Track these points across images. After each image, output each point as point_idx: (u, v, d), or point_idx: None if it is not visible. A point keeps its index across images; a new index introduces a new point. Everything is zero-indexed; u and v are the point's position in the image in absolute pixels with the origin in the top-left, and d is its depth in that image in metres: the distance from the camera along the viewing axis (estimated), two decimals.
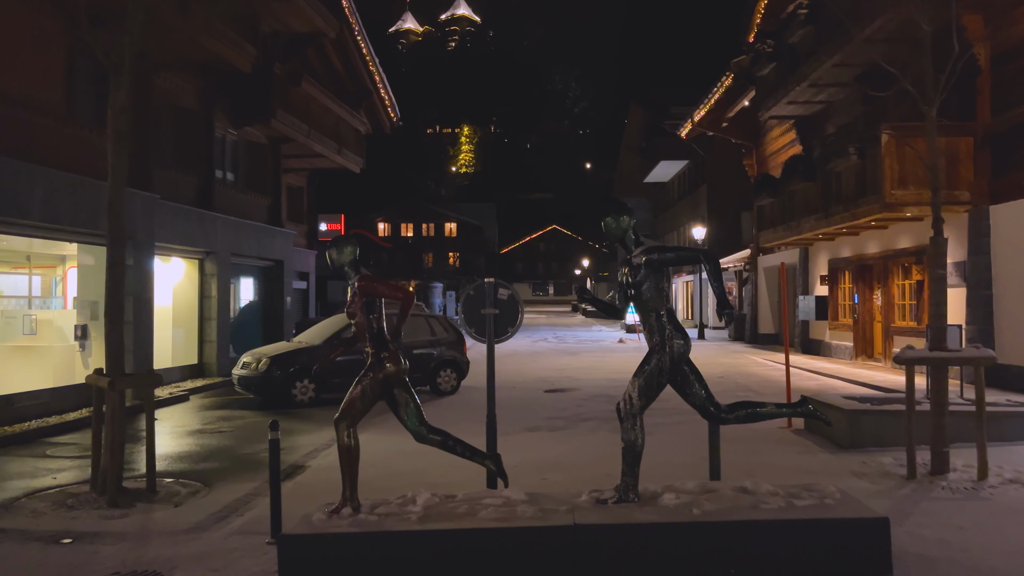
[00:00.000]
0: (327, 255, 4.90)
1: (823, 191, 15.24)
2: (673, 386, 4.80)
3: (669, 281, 4.79)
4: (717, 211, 32.02)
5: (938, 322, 6.77)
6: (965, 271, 12.38)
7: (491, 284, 5.49)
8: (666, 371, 4.69)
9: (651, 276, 4.69)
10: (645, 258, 4.70)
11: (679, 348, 4.69)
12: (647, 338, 4.76)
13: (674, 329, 4.70)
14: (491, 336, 5.47)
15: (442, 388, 13.25)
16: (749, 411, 4.97)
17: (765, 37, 18.38)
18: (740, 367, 16.84)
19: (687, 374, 4.80)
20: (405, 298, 4.80)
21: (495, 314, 5.51)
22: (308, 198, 24.37)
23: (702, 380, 4.84)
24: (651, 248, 4.70)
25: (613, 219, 4.96)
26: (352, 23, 22.10)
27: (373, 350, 4.89)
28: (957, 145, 12.52)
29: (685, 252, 5.03)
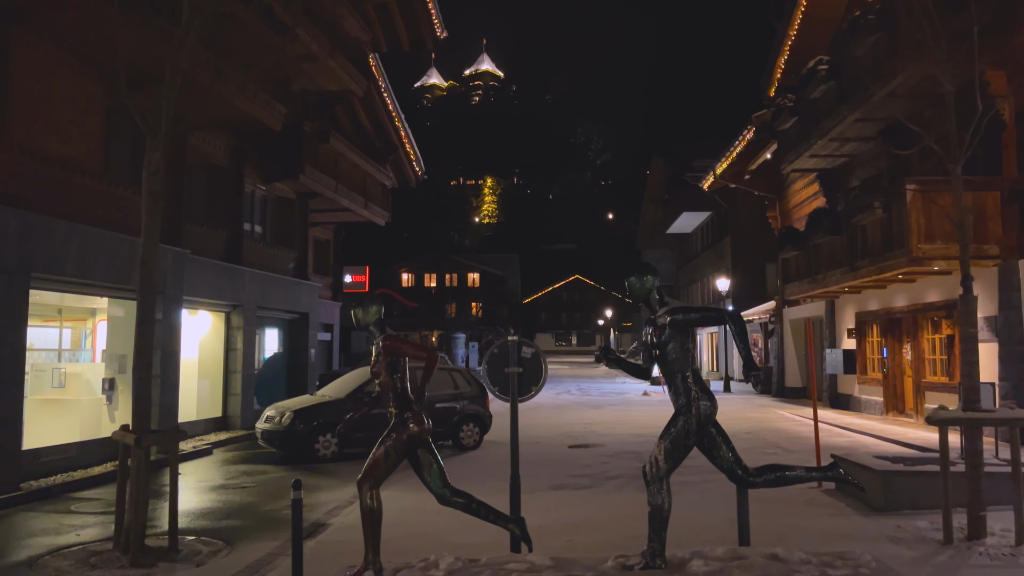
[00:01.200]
0: (352, 314, 4.96)
1: (849, 244, 15.14)
2: (700, 448, 4.73)
3: (694, 341, 4.76)
4: (741, 262, 31.90)
5: (971, 381, 6.63)
6: (997, 326, 12.17)
7: (515, 342, 5.50)
8: (692, 433, 4.63)
9: (676, 336, 4.68)
10: (670, 318, 4.69)
11: (705, 410, 4.65)
12: (672, 399, 4.72)
13: (700, 390, 4.66)
14: (515, 395, 5.45)
15: (465, 443, 13.16)
16: (778, 475, 4.88)
17: (786, 92, 18.53)
18: (768, 422, 16.55)
19: (714, 436, 4.74)
20: (430, 358, 4.82)
21: (519, 372, 5.50)
22: (334, 251, 24.71)
23: (729, 442, 4.77)
24: (676, 308, 4.69)
25: (637, 279, 4.97)
26: (379, 81, 22.71)
27: (397, 410, 4.90)
28: (984, 200, 12.44)
29: (710, 312, 5.02)
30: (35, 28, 9.67)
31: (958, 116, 7.76)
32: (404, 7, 20.42)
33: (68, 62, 10.51)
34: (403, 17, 20.86)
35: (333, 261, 24.58)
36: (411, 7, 20.45)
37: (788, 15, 19.01)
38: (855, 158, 17.52)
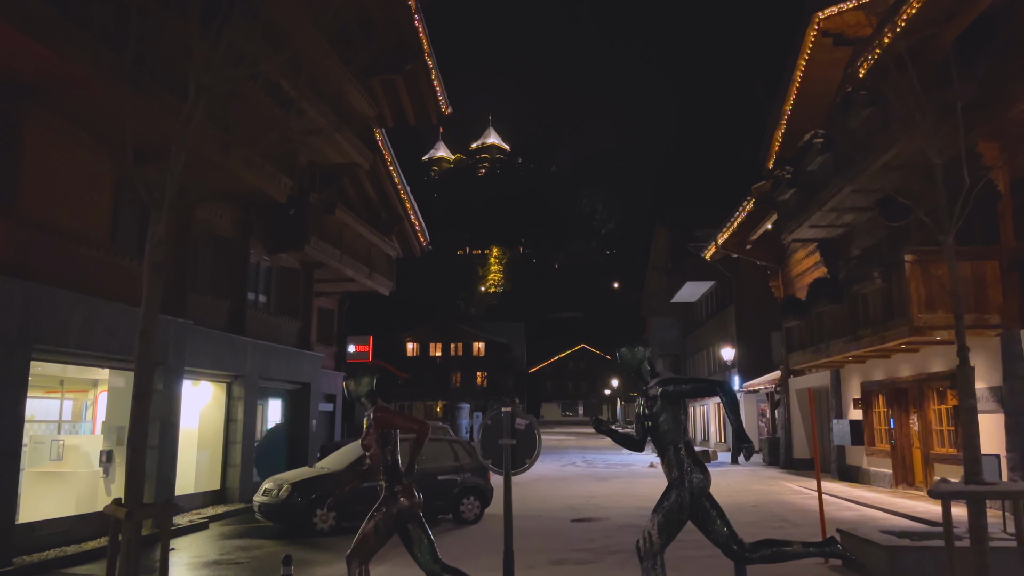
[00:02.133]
0: (344, 386, 4.96)
1: (850, 314, 15.15)
2: (693, 522, 4.64)
3: (686, 413, 4.72)
4: (746, 331, 31.79)
5: (972, 453, 6.53)
6: (1002, 396, 12.04)
7: (508, 414, 5.48)
8: (686, 507, 4.56)
9: (668, 408, 4.66)
10: (661, 389, 4.68)
11: (698, 483, 4.59)
12: (665, 472, 4.67)
13: (693, 463, 4.61)
14: (508, 468, 5.40)
15: (465, 516, 12.92)
16: (775, 550, 4.78)
17: (784, 164, 18.86)
18: (774, 495, 16.23)
19: (708, 510, 4.67)
20: (420, 431, 4.80)
21: (512, 445, 5.46)
22: (338, 320, 24.79)
23: (724, 516, 4.69)
24: (667, 379, 4.68)
25: (628, 350, 4.99)
26: (385, 154, 23.22)
27: (387, 484, 4.85)
28: (983, 269, 12.49)
29: (701, 383, 5.01)
30: (47, 105, 9.99)
31: (953, 187, 7.88)
32: (410, 84, 21.04)
33: (78, 136, 10.81)
34: (409, 93, 21.48)
35: (337, 331, 24.64)
36: (417, 84, 21.06)
37: (784, 89, 19.49)
38: (854, 228, 17.68)
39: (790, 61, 18.66)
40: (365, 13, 19.09)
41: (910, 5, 11.15)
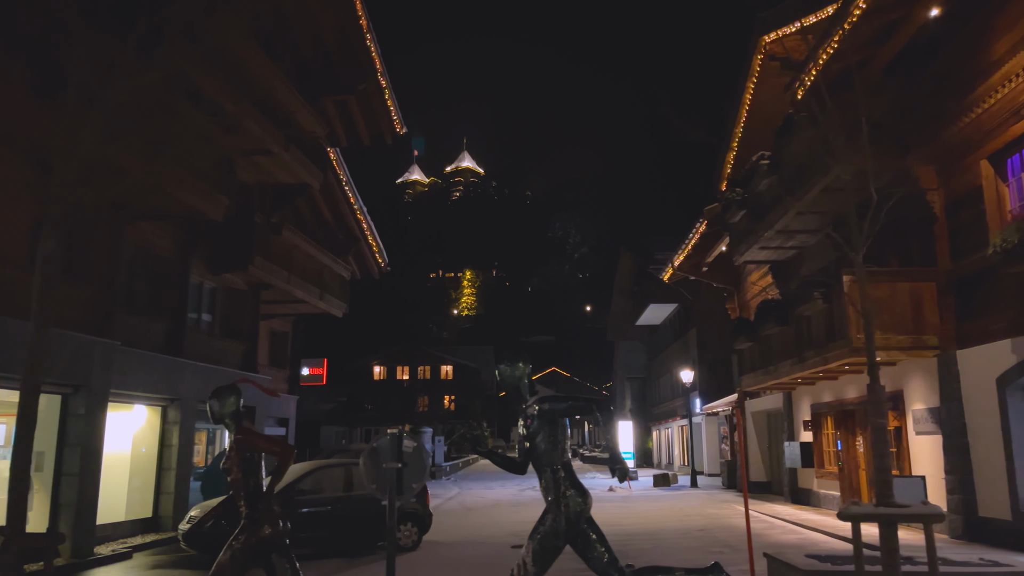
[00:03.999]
0: (208, 406, 4.71)
1: (796, 335, 15.13)
2: (573, 548, 4.44)
3: (565, 434, 4.52)
4: (707, 354, 31.82)
5: (883, 475, 6.42)
6: (940, 417, 12.01)
7: (395, 436, 5.25)
8: (562, 533, 4.36)
9: (544, 428, 4.47)
10: (538, 408, 4.49)
11: (575, 506, 4.39)
12: (543, 495, 4.47)
13: (570, 485, 4.41)
14: (393, 493, 5.16)
15: (402, 544, 12.54)
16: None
17: (735, 185, 18.92)
18: (724, 519, 16.05)
19: (587, 535, 4.46)
20: (284, 453, 4.56)
21: (398, 468, 5.22)
22: (292, 343, 24.37)
23: (605, 542, 4.49)
24: (544, 398, 4.50)
25: (508, 366, 4.81)
26: (340, 175, 23.00)
27: (248, 510, 4.58)
28: (921, 291, 12.51)
29: (580, 402, 4.82)
30: None
31: (893, 211, 7.88)
32: (364, 104, 20.88)
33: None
34: (363, 114, 21.31)
35: (291, 353, 24.21)
36: (370, 104, 20.91)
37: (735, 112, 19.62)
38: (805, 250, 17.73)
39: (740, 85, 18.80)
40: (317, 33, 18.96)
41: (842, 28, 11.23)
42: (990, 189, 11.12)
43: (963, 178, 11.74)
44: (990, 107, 10.86)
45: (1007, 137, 10.64)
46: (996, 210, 11.00)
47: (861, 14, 10.87)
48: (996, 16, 10.61)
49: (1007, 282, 10.45)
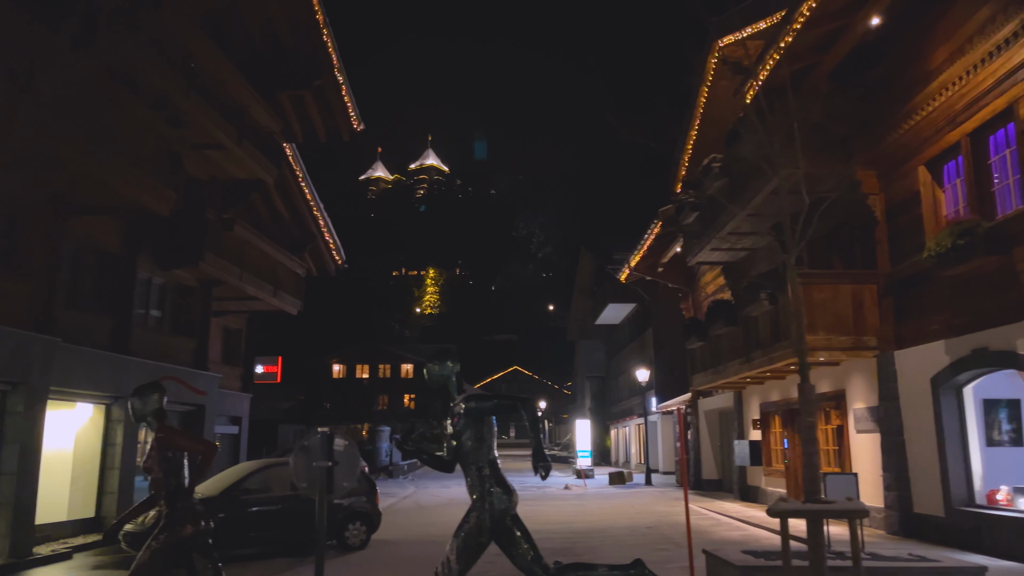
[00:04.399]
0: (129, 404, 4.65)
1: (744, 336, 15.39)
2: (498, 545, 4.49)
3: (492, 432, 4.57)
4: (663, 353, 32.16)
5: (811, 472, 6.59)
6: (878, 416, 12.33)
7: (326, 435, 5.23)
8: (487, 530, 4.40)
9: (471, 426, 4.50)
10: (464, 406, 4.52)
11: (500, 504, 4.43)
12: (468, 492, 4.50)
13: (496, 483, 4.46)
14: (323, 492, 5.14)
15: (350, 543, 12.51)
16: (581, 574, 4.65)
17: (689, 188, 19.18)
18: (673, 516, 16.26)
19: (512, 532, 4.51)
20: (206, 452, 4.52)
21: (329, 467, 5.20)
22: (247, 340, 24.06)
23: (530, 539, 4.54)
24: (471, 396, 4.54)
25: (437, 364, 4.83)
26: (296, 171, 22.75)
27: (168, 509, 4.53)
28: (862, 293, 12.82)
29: (505, 401, 4.86)
30: None
31: (840, 214, 8.05)
32: (320, 100, 20.67)
33: None
34: (319, 109, 21.11)
35: (245, 351, 23.90)
36: (326, 100, 20.71)
37: (690, 115, 19.87)
38: (755, 252, 18.03)
39: (695, 88, 19.04)
40: (272, 27, 18.73)
41: (787, 34, 11.45)
42: (927, 195, 11.43)
43: (903, 183, 12.05)
44: (928, 115, 11.17)
45: (943, 144, 10.95)
46: (933, 215, 11.32)
47: (805, 21, 11.11)
48: (934, 26, 10.91)
49: (941, 285, 10.76)
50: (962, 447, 10.68)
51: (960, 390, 10.79)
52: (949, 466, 10.67)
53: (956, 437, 10.74)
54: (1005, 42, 9.40)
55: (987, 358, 9.87)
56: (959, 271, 10.12)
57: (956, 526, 10.44)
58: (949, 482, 10.66)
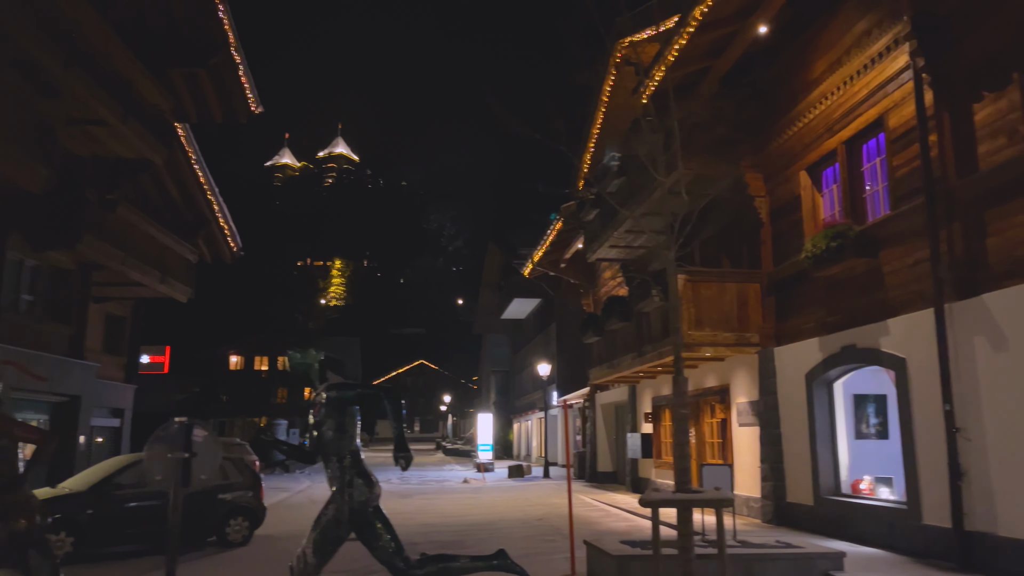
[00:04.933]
0: None
1: (637, 331, 15.74)
2: (359, 538, 4.38)
3: (355, 422, 4.44)
4: (565, 348, 32.60)
5: (682, 463, 6.76)
6: (758, 410, 12.84)
7: (184, 425, 4.98)
8: (344, 522, 4.28)
9: (332, 415, 4.38)
10: (326, 396, 4.40)
11: (360, 495, 4.33)
12: (328, 484, 4.38)
13: (357, 475, 4.35)
14: (178, 484, 4.89)
15: (232, 539, 12.10)
16: (442, 566, 4.60)
17: (589, 185, 19.45)
18: (564, 508, 16.40)
19: (374, 524, 4.41)
20: (42, 441, 4.22)
21: (185, 458, 4.96)
22: (132, 328, 22.90)
23: (392, 532, 4.45)
24: (332, 385, 4.41)
25: (298, 353, 4.68)
26: (189, 152, 21.76)
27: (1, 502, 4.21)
28: (747, 291, 13.31)
29: (368, 391, 4.76)
30: None
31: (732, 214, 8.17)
32: (215, 79, 19.82)
33: None
34: (215, 89, 20.23)
35: (130, 339, 22.74)
36: (222, 79, 19.86)
37: (592, 113, 20.14)
38: (652, 249, 18.45)
39: (597, 86, 19.30)
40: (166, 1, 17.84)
41: (681, 37, 11.73)
42: (807, 198, 11.96)
43: (786, 187, 12.57)
44: (809, 122, 11.68)
45: (822, 151, 11.47)
46: (812, 218, 11.85)
47: (698, 26, 11.40)
48: (817, 37, 11.41)
49: (817, 285, 11.29)
50: (831, 439, 11.25)
51: (831, 385, 11.35)
52: (819, 457, 11.22)
53: (826, 430, 11.30)
54: (879, 55, 9.91)
55: (855, 355, 10.41)
56: (832, 272, 10.63)
57: (824, 514, 10.99)
58: (819, 472, 11.20)
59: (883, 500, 10.21)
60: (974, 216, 8.31)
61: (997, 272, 7.98)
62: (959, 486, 8.18)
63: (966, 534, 8.09)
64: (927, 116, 8.88)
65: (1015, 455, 7.64)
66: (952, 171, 8.60)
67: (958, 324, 8.44)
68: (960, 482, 8.18)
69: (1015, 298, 7.71)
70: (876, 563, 8.63)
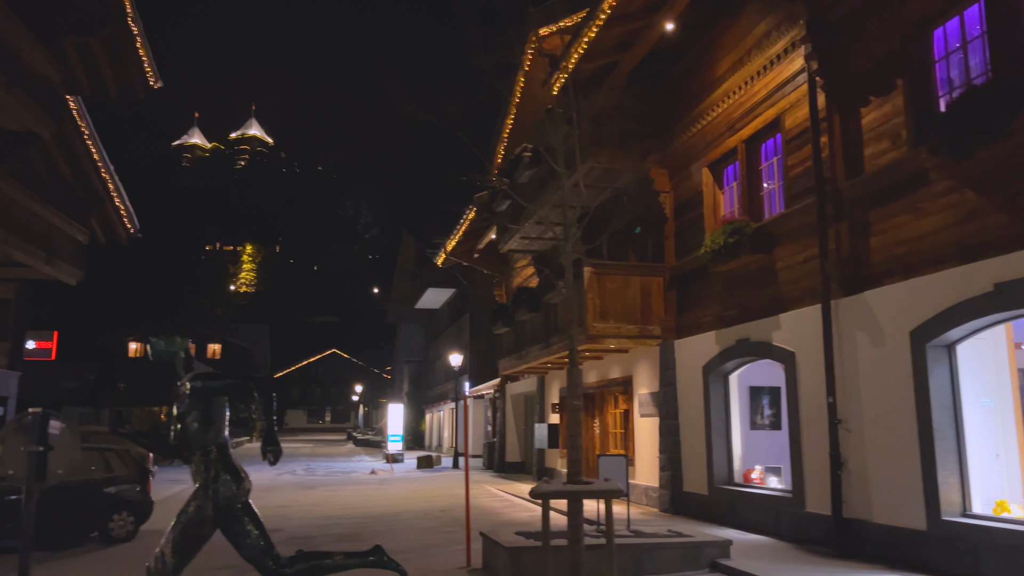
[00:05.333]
0: None
1: (545, 322, 15.80)
2: (225, 536, 4.17)
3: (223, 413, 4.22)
4: (478, 339, 32.54)
5: (574, 454, 6.77)
6: (659, 401, 13.09)
7: (40, 415, 4.63)
8: (208, 520, 4.06)
9: (198, 407, 4.14)
10: (190, 386, 4.15)
11: (227, 492, 4.11)
12: (192, 479, 4.15)
13: (224, 469, 4.13)
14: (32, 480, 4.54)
15: (115, 534, 11.50)
16: (313, 563, 4.44)
17: (502, 175, 19.38)
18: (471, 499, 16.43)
19: (241, 521, 4.20)
20: None
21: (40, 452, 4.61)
22: (16, 312, 21.51)
23: (262, 529, 4.25)
24: (198, 375, 4.18)
25: (163, 340, 4.40)
26: (82, 127, 20.54)
27: None
28: (650, 285, 13.52)
29: (236, 381, 4.54)
30: None
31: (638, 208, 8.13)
32: (110, 50, 18.73)
33: None
34: (110, 61, 19.14)
35: (15, 324, 21.36)
36: (118, 51, 18.80)
37: (507, 103, 20.07)
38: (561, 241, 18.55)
39: (512, 77, 19.23)
40: None
41: (590, 30, 11.77)
42: (709, 195, 12.23)
43: (689, 183, 12.81)
44: (712, 120, 11.92)
45: (724, 148, 11.74)
46: (712, 214, 12.12)
47: (607, 19, 11.45)
48: (721, 37, 11.64)
49: (715, 280, 11.56)
50: (726, 430, 11.57)
51: (727, 377, 11.67)
52: (713, 447, 11.52)
53: (721, 421, 11.61)
54: (777, 57, 10.19)
55: (749, 348, 10.72)
56: (730, 267, 10.90)
57: (717, 503, 11.29)
58: (713, 462, 11.51)
59: (772, 489, 10.57)
60: (859, 216, 8.65)
61: (879, 271, 8.33)
62: (839, 475, 8.52)
63: (844, 521, 8.44)
64: (819, 118, 9.18)
65: (889, 446, 8.01)
66: (841, 172, 8.92)
67: (843, 320, 8.78)
68: (840, 471, 8.52)
69: (893, 296, 8.07)
70: (760, 550, 8.91)
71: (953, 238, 7.32)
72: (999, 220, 6.83)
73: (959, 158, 6.85)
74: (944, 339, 7.50)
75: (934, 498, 7.36)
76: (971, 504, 7.27)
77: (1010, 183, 6.71)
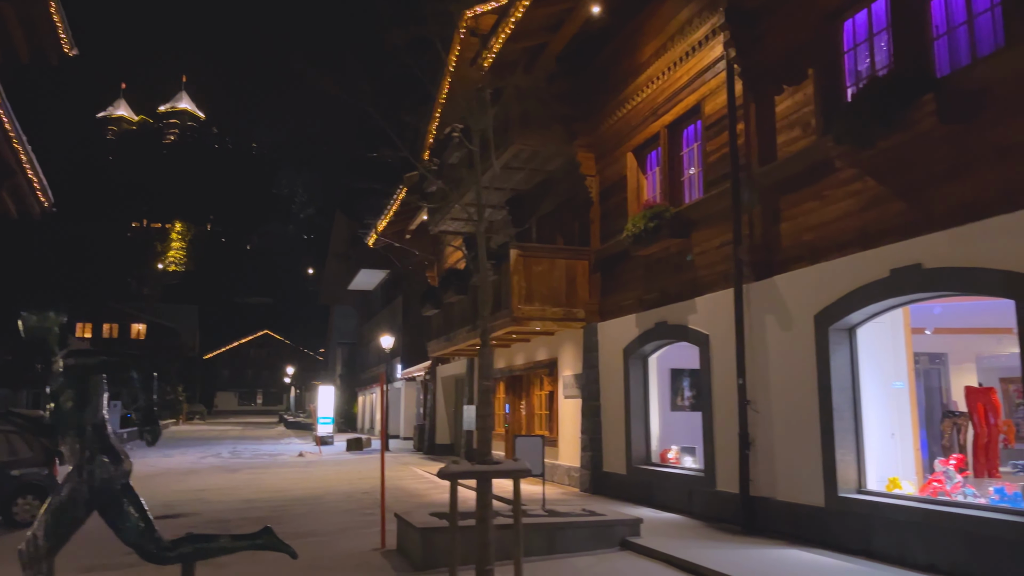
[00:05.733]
0: None
1: (473, 304, 15.74)
2: (103, 518, 4.02)
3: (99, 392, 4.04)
4: (411, 321, 32.27)
5: (483, 434, 6.79)
6: (582, 383, 13.22)
7: None
8: (83, 502, 3.91)
9: (73, 385, 3.97)
10: (63, 363, 3.98)
11: (103, 472, 3.96)
12: (67, 461, 3.98)
13: (101, 450, 3.97)
14: None
15: (19, 518, 11.08)
16: (199, 547, 4.32)
17: (433, 155, 19.20)
18: (395, 481, 16.35)
19: (120, 503, 4.06)
20: None
21: None
22: None
23: (143, 512, 4.12)
24: (72, 352, 4.00)
25: (36, 314, 4.19)
26: None
27: None
28: (576, 268, 13.61)
29: (113, 358, 4.37)
30: None
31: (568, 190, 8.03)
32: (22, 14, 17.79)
33: None
34: (22, 25, 18.17)
35: None
36: (30, 15, 17.88)
37: (438, 83, 19.83)
38: (493, 223, 18.50)
39: (443, 57, 18.99)
40: None
41: (518, 8, 11.69)
42: (632, 179, 12.35)
43: (614, 167, 12.91)
44: (636, 105, 12.02)
45: (648, 134, 11.85)
46: (636, 199, 12.25)
47: None
48: (646, 22, 11.71)
49: (636, 264, 11.71)
50: (644, 411, 11.77)
51: (646, 359, 11.86)
52: (632, 428, 11.72)
53: (640, 402, 11.81)
54: (699, 44, 10.31)
55: (667, 331, 10.90)
56: (650, 251, 11.05)
57: (635, 483, 11.50)
58: (631, 443, 11.71)
59: (686, 469, 10.81)
60: (772, 202, 8.85)
61: (788, 256, 8.55)
62: (747, 455, 8.76)
63: (751, 499, 8.70)
64: (736, 105, 9.33)
65: (793, 426, 8.27)
66: (755, 159, 9.10)
67: (754, 304, 8.99)
68: (748, 451, 8.76)
69: (800, 280, 8.30)
70: (670, 528, 9.11)
71: (855, 225, 7.56)
72: (897, 208, 7.08)
73: (862, 147, 7.06)
74: (845, 323, 7.76)
75: (832, 476, 7.64)
76: (866, 481, 7.57)
77: (906, 172, 6.96)
